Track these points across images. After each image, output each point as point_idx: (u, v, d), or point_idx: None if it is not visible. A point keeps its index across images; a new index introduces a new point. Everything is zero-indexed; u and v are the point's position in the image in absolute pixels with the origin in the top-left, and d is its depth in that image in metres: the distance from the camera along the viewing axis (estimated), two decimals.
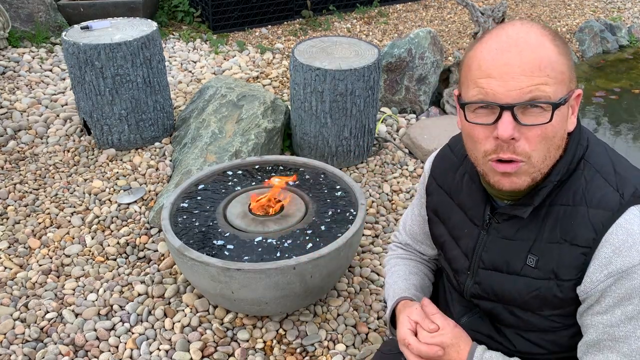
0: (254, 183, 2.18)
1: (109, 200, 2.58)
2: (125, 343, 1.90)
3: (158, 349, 1.88)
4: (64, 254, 2.29)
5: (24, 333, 1.93)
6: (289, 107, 3.09)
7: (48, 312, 2.01)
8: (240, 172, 2.26)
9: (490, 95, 0.86)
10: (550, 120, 0.85)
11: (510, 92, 0.84)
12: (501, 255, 1.01)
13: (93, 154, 2.92)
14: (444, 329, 1.02)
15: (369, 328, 1.97)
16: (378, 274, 2.22)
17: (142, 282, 2.14)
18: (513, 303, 1.01)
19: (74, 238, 2.37)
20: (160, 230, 2.41)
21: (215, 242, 1.86)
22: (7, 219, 2.48)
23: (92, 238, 2.36)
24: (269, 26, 4.89)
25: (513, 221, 1.00)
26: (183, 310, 2.02)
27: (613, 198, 0.89)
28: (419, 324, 1.05)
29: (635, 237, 0.86)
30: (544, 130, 0.86)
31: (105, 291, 2.10)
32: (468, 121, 0.91)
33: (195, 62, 4.08)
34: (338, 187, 2.15)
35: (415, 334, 1.04)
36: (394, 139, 3.18)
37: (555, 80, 0.85)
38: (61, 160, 2.86)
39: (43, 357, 1.84)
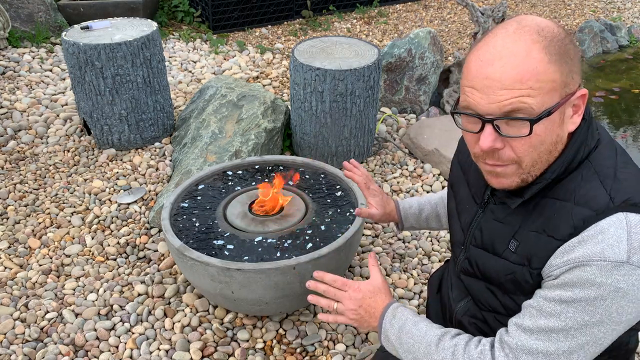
0: (254, 183, 2.18)
1: (109, 200, 2.58)
2: (125, 343, 1.90)
3: (158, 349, 1.88)
4: (64, 254, 2.29)
5: (24, 333, 1.93)
6: (289, 107, 3.09)
7: (48, 312, 2.01)
8: (240, 172, 2.26)
9: (473, 106, 0.89)
10: (530, 133, 0.86)
11: (490, 105, 0.86)
12: (490, 235, 1.05)
13: (93, 154, 2.92)
14: (376, 279, 1.17)
15: None
16: None
17: (142, 282, 2.14)
18: (494, 283, 1.04)
19: (74, 238, 2.37)
20: (160, 230, 2.41)
21: (215, 242, 1.86)
22: (7, 219, 2.48)
23: (92, 238, 2.36)
24: (269, 26, 4.89)
25: (506, 205, 1.03)
26: (183, 310, 2.02)
27: (602, 201, 0.88)
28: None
29: (607, 237, 0.85)
30: (527, 141, 0.88)
31: (105, 291, 2.10)
32: (458, 126, 0.95)
33: (195, 62, 4.08)
34: (338, 187, 2.15)
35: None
36: (394, 139, 3.18)
37: (540, 91, 0.84)
38: (61, 160, 2.86)
39: (43, 357, 1.84)
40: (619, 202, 0.87)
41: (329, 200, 2.08)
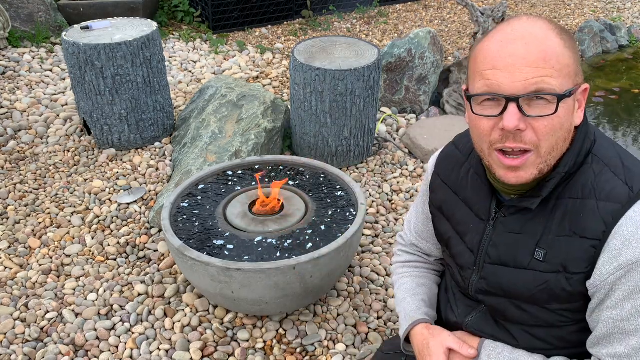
0: (254, 183, 2.18)
1: (109, 200, 2.58)
2: (126, 343, 1.90)
3: (158, 348, 1.88)
4: (64, 253, 2.29)
5: (24, 333, 1.93)
6: (289, 107, 3.09)
7: (48, 312, 2.01)
8: (240, 172, 2.26)
9: (496, 86, 0.87)
10: (556, 111, 0.86)
11: (515, 83, 0.85)
12: (508, 249, 1.01)
13: (93, 154, 2.92)
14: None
15: (369, 328, 1.97)
16: (378, 274, 2.22)
17: (142, 282, 2.14)
18: (520, 298, 1.01)
19: (74, 238, 2.37)
20: (160, 230, 2.41)
21: (215, 242, 1.87)
22: (7, 218, 2.48)
23: (92, 238, 2.36)
24: (269, 26, 4.89)
25: (520, 215, 1.00)
26: (183, 310, 2.02)
27: (622, 191, 0.90)
28: (455, 351, 1.10)
29: None
30: (550, 121, 0.87)
31: (105, 291, 2.10)
32: (475, 113, 0.91)
33: (195, 62, 4.08)
34: (338, 187, 2.15)
35: None
36: (394, 139, 3.18)
37: (560, 73, 0.86)
38: (61, 160, 2.86)
39: (43, 357, 1.84)
40: (638, 190, 0.90)
41: (329, 200, 2.08)
